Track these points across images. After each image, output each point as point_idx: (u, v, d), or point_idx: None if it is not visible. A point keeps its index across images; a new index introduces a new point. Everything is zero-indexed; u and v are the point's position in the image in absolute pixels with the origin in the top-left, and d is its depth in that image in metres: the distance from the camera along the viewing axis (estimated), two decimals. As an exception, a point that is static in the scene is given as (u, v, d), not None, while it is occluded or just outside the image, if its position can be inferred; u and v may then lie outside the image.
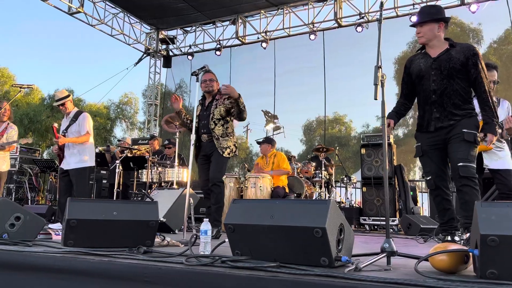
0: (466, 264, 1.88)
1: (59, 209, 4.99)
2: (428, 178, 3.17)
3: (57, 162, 5.38)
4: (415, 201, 7.52)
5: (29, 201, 8.63)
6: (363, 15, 9.42)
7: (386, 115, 2.39)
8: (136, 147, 7.57)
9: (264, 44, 10.58)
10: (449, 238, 3.06)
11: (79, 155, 4.93)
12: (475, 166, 2.96)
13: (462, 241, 2.94)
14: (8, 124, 5.44)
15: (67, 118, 5.09)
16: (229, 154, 4.26)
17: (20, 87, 4.95)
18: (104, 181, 8.13)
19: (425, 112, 3.20)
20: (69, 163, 4.94)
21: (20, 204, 3.56)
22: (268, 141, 6.48)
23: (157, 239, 2.99)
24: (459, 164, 2.91)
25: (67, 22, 63.16)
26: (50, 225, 4.32)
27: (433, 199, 3.24)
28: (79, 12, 9.77)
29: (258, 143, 6.67)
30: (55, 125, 5.05)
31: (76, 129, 4.98)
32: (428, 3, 9.04)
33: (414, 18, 8.90)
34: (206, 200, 4.41)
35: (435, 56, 3.14)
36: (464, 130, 2.97)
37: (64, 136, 4.95)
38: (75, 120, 5.00)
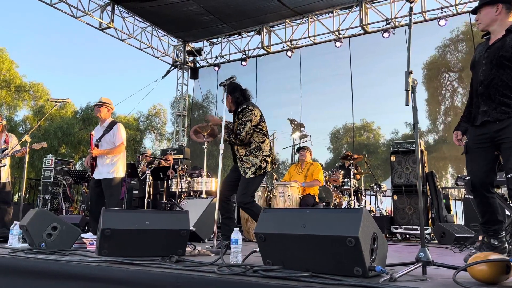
0: (508, 274, 1.80)
1: (91, 219, 5.08)
2: (467, 178, 3.01)
3: (90, 172, 5.49)
4: (448, 209, 7.30)
5: (64, 211, 8.91)
6: (389, 21, 9.32)
7: (417, 120, 2.31)
8: (165, 156, 7.71)
9: (289, 53, 10.61)
10: (485, 239, 2.92)
11: (112, 165, 5.02)
12: None
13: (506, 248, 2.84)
14: (7, 134, 5.50)
15: (101, 127, 5.20)
16: (254, 173, 3.89)
17: (56, 102, 5.10)
18: (135, 191, 8.30)
19: (474, 105, 2.98)
20: (101, 172, 5.03)
21: (56, 214, 3.67)
22: (309, 149, 6.59)
23: (188, 248, 3.02)
24: (508, 176, 2.70)
25: (98, 37, 65.50)
26: (82, 235, 4.42)
27: (473, 198, 3.04)
28: (109, 27, 10.10)
29: (299, 148, 6.70)
30: (93, 132, 5.15)
31: (111, 139, 5.08)
32: (457, 6, 8.85)
33: (443, 22, 8.76)
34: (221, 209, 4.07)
35: (491, 43, 2.90)
36: None
37: (97, 145, 5.06)
38: (109, 130, 5.10)
